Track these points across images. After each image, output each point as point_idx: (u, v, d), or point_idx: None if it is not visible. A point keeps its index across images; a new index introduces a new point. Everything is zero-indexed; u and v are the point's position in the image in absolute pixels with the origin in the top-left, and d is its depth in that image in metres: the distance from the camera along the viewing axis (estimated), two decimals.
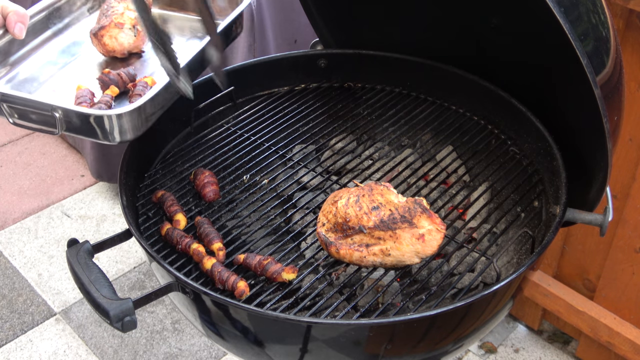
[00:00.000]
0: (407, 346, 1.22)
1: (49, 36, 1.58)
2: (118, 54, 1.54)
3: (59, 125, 1.26)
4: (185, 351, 2.45)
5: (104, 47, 1.53)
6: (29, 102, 1.27)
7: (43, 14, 1.56)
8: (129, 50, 1.56)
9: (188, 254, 1.28)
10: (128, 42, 1.54)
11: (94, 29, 1.53)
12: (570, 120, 1.45)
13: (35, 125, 1.30)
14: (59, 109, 1.26)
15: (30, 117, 1.29)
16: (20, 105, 1.28)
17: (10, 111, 1.29)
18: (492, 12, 1.52)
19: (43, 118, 1.28)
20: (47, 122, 1.28)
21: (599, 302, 2.19)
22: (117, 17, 1.53)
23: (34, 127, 1.30)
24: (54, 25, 1.59)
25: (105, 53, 1.55)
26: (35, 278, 2.73)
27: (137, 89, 1.40)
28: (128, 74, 1.45)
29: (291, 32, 2.55)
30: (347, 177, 1.64)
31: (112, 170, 2.99)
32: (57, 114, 1.25)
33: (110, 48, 1.53)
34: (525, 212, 1.45)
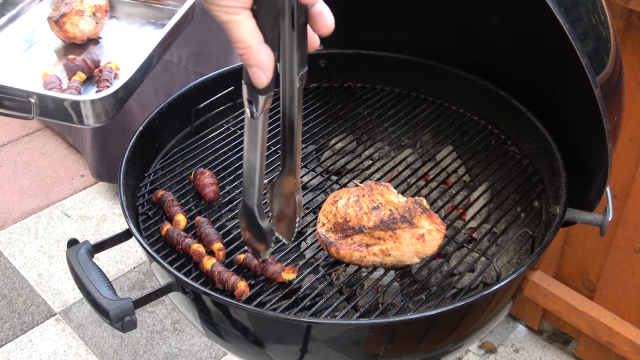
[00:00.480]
0: (407, 346, 1.22)
1: (4, 23, 1.62)
2: (78, 40, 1.60)
3: (34, 111, 1.31)
4: (185, 351, 2.45)
5: (65, 34, 1.58)
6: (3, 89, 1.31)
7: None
8: (89, 36, 1.62)
9: (188, 254, 1.28)
10: (88, 28, 1.60)
11: (55, 16, 1.58)
12: (570, 120, 1.45)
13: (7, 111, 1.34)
14: (34, 94, 1.30)
15: (3, 104, 1.33)
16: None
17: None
18: (492, 12, 1.52)
19: (17, 104, 1.32)
20: (21, 108, 1.32)
21: (599, 302, 2.19)
22: (77, 5, 1.59)
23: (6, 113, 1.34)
24: (7, 12, 1.64)
25: (66, 39, 1.60)
26: (35, 278, 2.73)
27: (104, 75, 1.46)
28: (93, 60, 1.50)
29: None
30: (347, 177, 1.64)
31: (112, 170, 2.99)
32: (33, 100, 1.30)
33: (71, 35, 1.58)
34: (525, 212, 1.45)
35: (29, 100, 1.29)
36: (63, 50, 1.60)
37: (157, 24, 1.69)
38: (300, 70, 0.85)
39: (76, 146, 3.35)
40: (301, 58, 0.84)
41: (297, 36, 0.83)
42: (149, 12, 1.73)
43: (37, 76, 1.47)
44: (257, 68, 0.82)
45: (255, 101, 0.85)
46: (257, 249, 1.03)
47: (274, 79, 0.84)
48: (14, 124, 3.59)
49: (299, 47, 0.83)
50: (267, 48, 0.82)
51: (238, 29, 0.81)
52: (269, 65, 0.82)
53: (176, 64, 2.66)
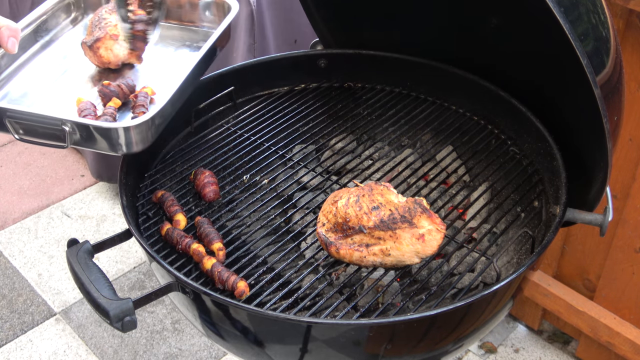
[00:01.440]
0: (407, 346, 1.22)
1: (37, 50, 1.58)
2: (113, 65, 1.55)
3: (68, 139, 1.26)
4: (185, 351, 2.45)
5: (99, 59, 1.54)
6: (36, 116, 1.27)
7: (31, 27, 1.56)
8: (123, 61, 1.57)
9: (188, 254, 1.28)
10: (123, 53, 1.55)
11: (89, 41, 1.53)
12: (571, 120, 1.45)
13: (41, 139, 1.29)
14: (68, 122, 1.25)
15: (37, 132, 1.29)
16: (26, 121, 1.27)
17: (16, 127, 1.28)
18: (492, 12, 1.52)
19: (50, 132, 1.27)
20: (55, 136, 1.27)
21: (599, 302, 2.19)
22: (111, 29, 1.54)
23: (40, 142, 1.30)
24: (41, 38, 1.59)
25: (100, 64, 1.55)
26: (35, 278, 2.73)
27: (139, 100, 1.41)
28: (128, 85, 1.45)
29: (291, 32, 2.55)
30: (347, 177, 1.64)
31: (112, 170, 2.99)
32: (67, 128, 1.25)
33: (105, 60, 1.54)
34: (525, 212, 1.45)
35: (63, 128, 1.25)
36: (97, 76, 1.55)
37: (192, 46, 1.65)
38: None
39: None
40: None
41: None
42: (184, 34, 1.69)
43: (71, 103, 1.43)
44: None
45: None
46: None
47: None
48: None
49: None
50: None
51: None
52: None
53: None
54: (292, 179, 1.54)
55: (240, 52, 2.40)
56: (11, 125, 1.28)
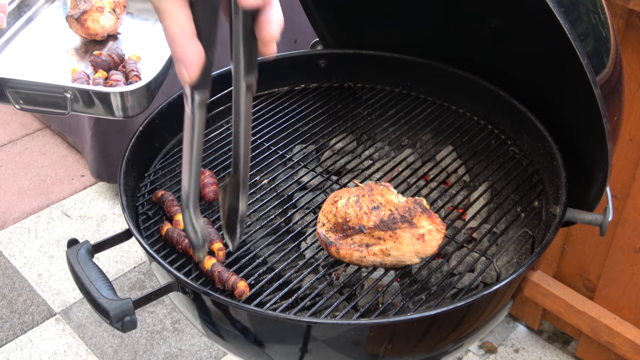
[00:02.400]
0: (407, 346, 1.22)
1: (22, 24, 1.65)
2: (99, 36, 1.63)
3: (69, 106, 1.32)
4: (185, 351, 2.45)
5: (86, 31, 1.61)
6: (37, 85, 1.32)
7: (15, 3, 1.64)
8: (109, 32, 1.65)
9: (188, 254, 1.28)
10: (109, 24, 1.63)
11: (75, 14, 1.61)
12: (570, 120, 1.45)
13: (42, 107, 1.35)
14: (70, 89, 1.32)
15: (37, 101, 1.34)
16: (27, 90, 1.33)
17: (16, 96, 1.34)
18: (492, 12, 1.52)
19: (51, 100, 1.33)
20: (55, 104, 1.33)
21: (599, 302, 2.19)
22: (97, 2, 1.62)
23: (40, 110, 1.36)
24: (24, 13, 1.67)
25: (87, 36, 1.63)
26: (35, 278, 2.73)
27: (130, 66, 1.48)
28: (118, 55, 1.52)
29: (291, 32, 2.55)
30: (347, 177, 1.64)
31: (112, 170, 2.99)
32: (69, 95, 1.31)
33: (92, 31, 1.61)
34: (525, 212, 1.45)
35: (65, 95, 1.31)
36: (83, 48, 1.63)
37: None
38: (247, 76, 0.82)
39: (76, 146, 3.35)
40: (248, 63, 0.81)
41: (243, 39, 0.79)
42: None
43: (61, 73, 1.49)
44: (181, 64, 0.77)
45: (188, 96, 0.81)
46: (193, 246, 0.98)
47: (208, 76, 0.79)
48: (14, 124, 3.59)
49: (245, 51, 0.80)
50: (196, 43, 0.77)
51: (167, 19, 0.76)
52: (194, 62, 0.77)
53: None
54: (292, 179, 1.54)
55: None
56: (12, 95, 1.33)
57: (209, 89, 0.81)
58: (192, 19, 0.76)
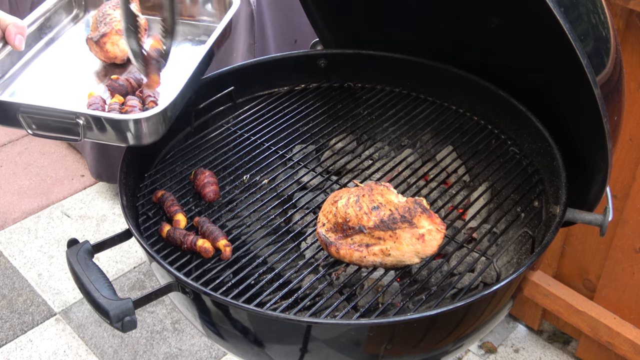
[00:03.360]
0: (407, 346, 1.22)
1: (41, 47, 1.59)
2: (119, 60, 1.57)
3: (82, 132, 1.27)
4: (185, 351, 2.45)
5: (105, 54, 1.55)
6: (49, 111, 1.28)
7: (35, 25, 1.58)
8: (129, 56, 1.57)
9: (195, 251, 1.27)
10: None
11: (95, 37, 1.55)
12: (570, 120, 1.45)
13: (54, 134, 1.31)
14: (82, 115, 1.27)
15: (50, 126, 1.30)
16: (39, 115, 1.28)
17: (29, 122, 1.29)
18: (492, 12, 1.52)
19: (63, 126, 1.29)
20: (68, 130, 1.29)
21: (599, 302, 2.19)
22: (116, 25, 1.56)
23: (53, 136, 1.31)
24: (45, 35, 1.61)
25: (107, 59, 1.57)
26: (35, 278, 2.73)
27: (146, 91, 1.43)
28: (135, 79, 1.47)
29: (291, 32, 2.55)
30: (347, 177, 1.64)
31: (112, 171, 2.99)
32: (81, 121, 1.27)
33: (112, 55, 1.55)
34: (525, 212, 1.45)
35: (77, 121, 1.27)
36: (103, 71, 1.57)
37: (194, 40, 1.67)
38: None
39: (76, 146, 3.35)
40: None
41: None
42: (185, 29, 1.70)
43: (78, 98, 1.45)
44: None
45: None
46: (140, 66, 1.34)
47: None
48: None
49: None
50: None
51: None
52: None
53: None
54: (292, 179, 1.54)
55: (240, 52, 2.41)
56: (24, 120, 1.30)
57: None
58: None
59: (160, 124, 1.32)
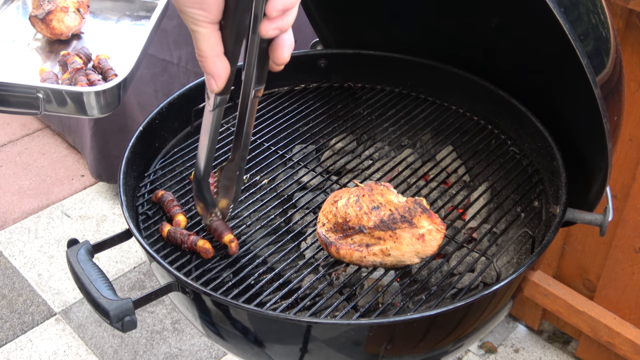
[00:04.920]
0: (407, 346, 1.22)
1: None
2: (64, 36, 1.64)
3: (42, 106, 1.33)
4: (185, 351, 2.45)
5: (52, 30, 1.62)
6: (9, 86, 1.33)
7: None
8: (73, 32, 1.66)
9: (195, 251, 1.27)
10: (73, 24, 1.65)
11: (40, 14, 1.62)
12: (571, 120, 1.45)
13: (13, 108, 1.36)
14: (42, 89, 1.33)
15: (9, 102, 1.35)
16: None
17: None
18: (492, 12, 1.52)
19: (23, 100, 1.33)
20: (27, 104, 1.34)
21: (599, 302, 2.19)
22: (61, 2, 1.63)
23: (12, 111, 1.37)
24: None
25: (52, 36, 1.64)
26: (35, 278, 2.73)
27: (105, 64, 1.49)
28: (85, 54, 1.53)
29: None
30: (347, 177, 1.64)
31: (112, 171, 2.99)
32: (41, 95, 1.32)
33: (57, 31, 1.63)
34: (525, 212, 1.45)
35: (37, 95, 1.31)
36: (48, 48, 1.64)
37: (132, 16, 1.74)
38: (257, 86, 1.00)
39: (76, 146, 3.35)
40: (259, 76, 0.98)
41: (257, 56, 0.95)
42: (121, 5, 1.78)
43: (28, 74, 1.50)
44: (210, 77, 0.93)
45: (211, 99, 0.98)
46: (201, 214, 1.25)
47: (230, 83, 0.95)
48: (14, 124, 3.59)
49: (258, 67, 0.96)
50: (224, 61, 0.92)
51: (200, 40, 0.89)
52: (221, 76, 0.93)
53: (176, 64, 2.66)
54: (292, 179, 1.54)
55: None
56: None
57: (229, 93, 0.98)
58: (221, 40, 0.90)
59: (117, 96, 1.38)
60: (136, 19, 1.74)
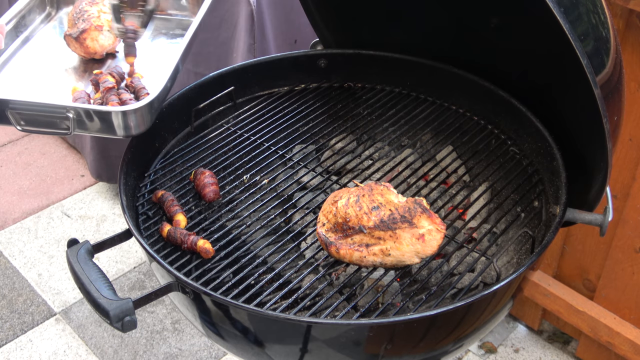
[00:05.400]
0: (407, 346, 1.22)
1: (18, 45, 1.63)
2: (98, 55, 1.62)
3: (72, 126, 1.30)
4: (185, 351, 2.45)
5: (85, 50, 1.60)
6: (39, 106, 1.30)
7: (12, 23, 1.62)
8: (107, 51, 1.64)
9: (195, 251, 1.28)
10: (108, 43, 1.63)
11: (74, 33, 1.59)
12: (571, 120, 1.45)
13: (43, 128, 1.33)
14: (72, 109, 1.30)
15: (39, 121, 1.32)
16: (28, 111, 1.30)
17: (17, 118, 1.31)
18: (492, 12, 1.52)
19: (53, 120, 1.31)
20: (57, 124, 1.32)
21: (599, 302, 2.19)
22: (95, 20, 1.61)
23: (42, 131, 1.34)
24: (21, 33, 1.65)
25: (86, 55, 1.62)
26: (35, 278, 2.73)
27: (137, 83, 1.47)
28: (118, 73, 1.51)
29: (291, 32, 2.55)
30: (347, 177, 1.64)
31: (112, 171, 2.99)
32: (71, 115, 1.29)
33: (92, 50, 1.60)
34: (525, 212, 1.45)
35: (67, 115, 1.29)
36: (82, 67, 1.62)
37: (168, 34, 1.72)
38: None
39: (76, 146, 3.35)
40: None
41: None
42: (157, 23, 1.76)
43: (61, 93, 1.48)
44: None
45: None
46: None
47: None
48: None
49: None
50: None
51: None
52: None
53: None
54: (292, 179, 1.54)
55: (240, 52, 2.40)
56: (13, 116, 1.31)
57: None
58: None
59: (147, 116, 1.36)
60: (172, 37, 1.72)
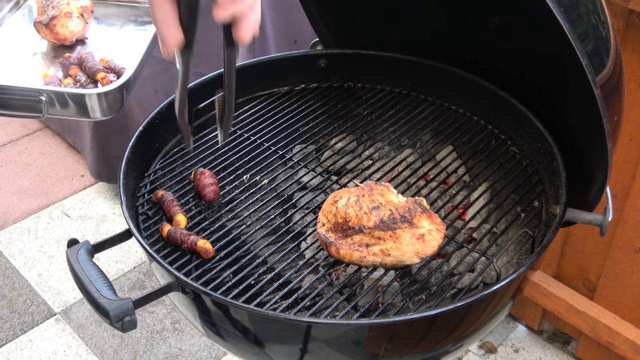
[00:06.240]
0: (407, 346, 1.22)
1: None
2: (68, 41, 1.66)
3: (45, 109, 1.34)
4: (185, 351, 2.45)
5: (55, 36, 1.64)
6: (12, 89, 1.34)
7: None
8: (77, 37, 1.68)
9: (195, 251, 1.28)
10: (77, 29, 1.66)
11: (44, 19, 1.63)
12: (570, 120, 1.45)
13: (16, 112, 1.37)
14: (45, 92, 1.34)
15: (12, 105, 1.36)
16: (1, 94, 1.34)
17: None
18: (492, 12, 1.52)
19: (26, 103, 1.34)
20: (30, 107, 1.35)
21: (599, 302, 2.19)
22: (65, 7, 1.65)
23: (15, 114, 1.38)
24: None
25: (56, 41, 1.65)
26: (35, 278, 2.73)
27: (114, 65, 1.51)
28: None
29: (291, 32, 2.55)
30: (347, 177, 1.64)
31: (112, 171, 2.99)
32: (44, 98, 1.33)
33: (62, 36, 1.64)
34: (525, 212, 1.45)
35: (40, 98, 1.32)
36: (52, 53, 1.65)
37: (137, 21, 1.76)
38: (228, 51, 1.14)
39: (76, 146, 3.35)
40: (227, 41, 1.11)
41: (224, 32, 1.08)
42: (125, 11, 1.80)
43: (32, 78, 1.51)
44: (161, 41, 1.03)
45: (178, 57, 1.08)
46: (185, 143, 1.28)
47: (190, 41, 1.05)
48: (14, 124, 3.59)
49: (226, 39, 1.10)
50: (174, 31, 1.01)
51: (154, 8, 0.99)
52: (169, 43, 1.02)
53: None
54: (292, 179, 1.54)
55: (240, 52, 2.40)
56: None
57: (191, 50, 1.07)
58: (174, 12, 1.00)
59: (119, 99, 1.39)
60: (140, 24, 1.75)
